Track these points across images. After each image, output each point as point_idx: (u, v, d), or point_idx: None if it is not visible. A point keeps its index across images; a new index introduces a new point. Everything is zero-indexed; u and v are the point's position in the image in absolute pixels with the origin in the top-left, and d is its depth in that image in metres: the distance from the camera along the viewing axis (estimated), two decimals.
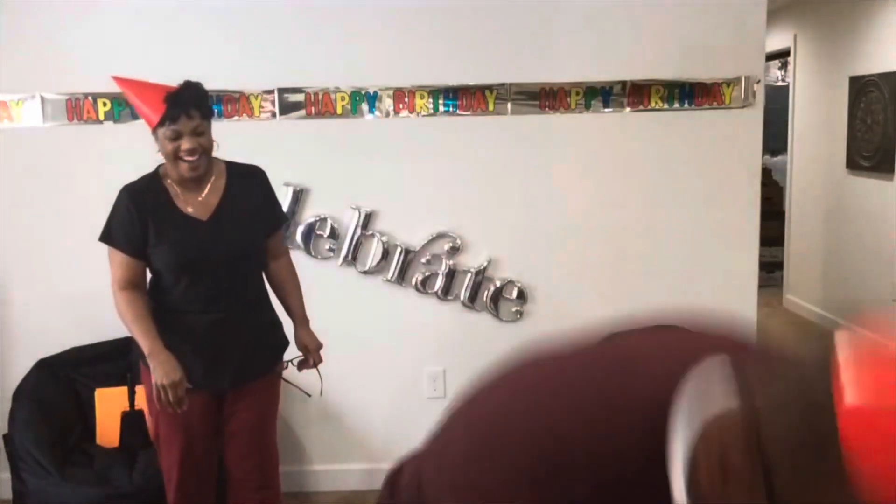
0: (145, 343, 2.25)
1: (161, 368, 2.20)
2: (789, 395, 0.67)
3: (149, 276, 2.43)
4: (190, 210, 2.34)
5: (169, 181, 2.36)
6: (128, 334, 3.26)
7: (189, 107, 2.26)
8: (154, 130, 2.30)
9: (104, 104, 3.25)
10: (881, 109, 5.22)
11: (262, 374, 2.48)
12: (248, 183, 2.43)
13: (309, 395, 2.65)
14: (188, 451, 2.40)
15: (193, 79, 3.27)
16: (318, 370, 2.59)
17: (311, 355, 2.55)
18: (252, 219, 2.41)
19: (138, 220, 2.30)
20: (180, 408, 2.23)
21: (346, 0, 3.22)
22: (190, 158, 2.26)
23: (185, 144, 2.24)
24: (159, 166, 2.42)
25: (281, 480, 2.67)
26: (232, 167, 2.43)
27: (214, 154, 2.40)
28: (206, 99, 2.34)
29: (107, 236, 2.35)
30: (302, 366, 2.58)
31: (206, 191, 2.36)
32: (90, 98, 3.24)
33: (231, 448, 2.49)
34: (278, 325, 2.56)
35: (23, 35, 3.20)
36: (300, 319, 2.56)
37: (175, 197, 2.35)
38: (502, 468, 0.80)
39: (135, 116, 3.25)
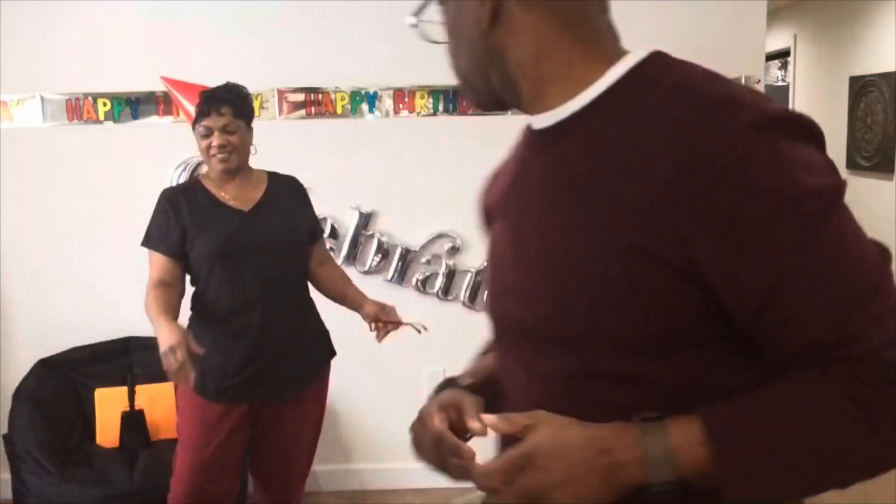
0: (155, 318, 2.14)
1: (160, 335, 2.09)
2: None
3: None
4: (232, 203, 2.34)
5: (210, 182, 2.38)
6: (127, 334, 3.29)
7: (220, 104, 2.26)
8: (193, 128, 2.34)
9: (104, 104, 3.25)
10: (881, 109, 5.22)
11: (304, 386, 2.40)
12: (285, 189, 2.44)
13: (420, 331, 2.51)
14: (206, 459, 2.31)
15: (193, 79, 3.28)
16: (409, 324, 2.46)
17: (385, 315, 2.43)
18: (294, 217, 2.40)
19: (175, 218, 2.28)
20: (184, 376, 2.04)
21: (346, 0, 3.22)
22: (220, 156, 2.27)
23: (215, 141, 2.26)
24: (198, 173, 2.48)
25: (307, 473, 2.65)
26: (273, 175, 2.45)
27: (253, 163, 2.40)
28: (244, 99, 2.33)
29: (146, 239, 2.33)
30: (381, 331, 2.45)
31: (246, 188, 2.37)
32: (90, 98, 3.24)
33: (259, 453, 2.46)
34: (324, 334, 2.50)
35: (23, 35, 3.20)
36: (363, 296, 2.48)
37: (216, 193, 2.35)
38: None
39: (135, 116, 3.26)
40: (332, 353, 2.52)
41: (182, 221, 2.28)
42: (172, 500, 2.38)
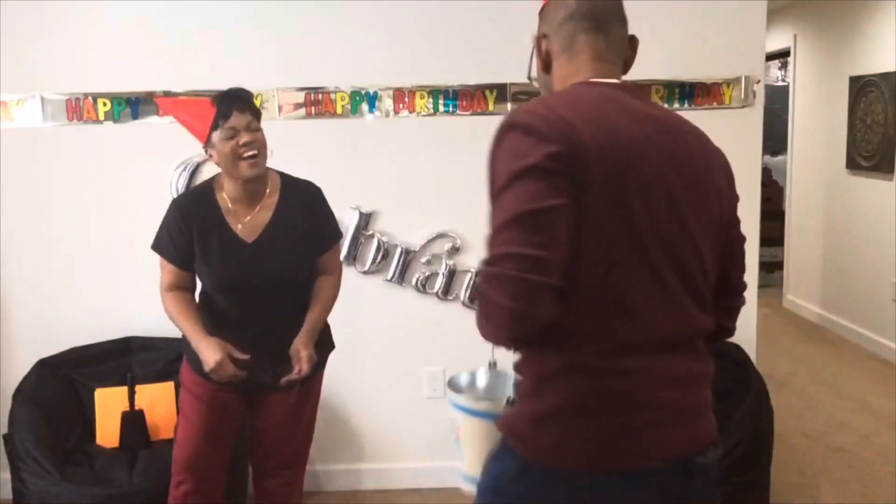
0: (190, 335, 2.30)
1: (204, 355, 2.26)
2: None
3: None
4: (238, 228, 2.32)
5: (223, 195, 2.34)
6: (127, 334, 3.29)
7: (239, 102, 2.25)
8: (208, 140, 2.26)
9: (104, 104, 3.25)
10: (881, 109, 5.22)
11: (292, 386, 2.43)
12: (300, 202, 2.40)
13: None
14: (201, 430, 2.43)
15: (192, 79, 3.27)
16: (297, 379, 2.36)
17: (299, 362, 2.34)
18: (298, 242, 2.37)
19: (186, 234, 2.30)
20: (236, 379, 2.28)
21: (347, 0, 3.22)
22: (250, 153, 2.24)
23: (244, 139, 2.22)
24: (213, 179, 2.41)
25: (305, 469, 2.67)
26: (287, 181, 2.41)
27: (268, 163, 2.38)
28: (253, 99, 2.34)
29: (157, 246, 2.37)
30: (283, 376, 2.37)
31: (257, 208, 2.34)
32: (90, 98, 3.24)
33: (256, 443, 2.53)
34: (323, 333, 2.50)
35: (23, 35, 3.20)
36: (308, 330, 2.40)
37: (226, 213, 2.33)
38: None
39: (135, 116, 3.26)
40: (331, 348, 2.54)
41: (191, 240, 2.31)
42: (174, 468, 2.47)
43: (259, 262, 2.32)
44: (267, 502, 2.58)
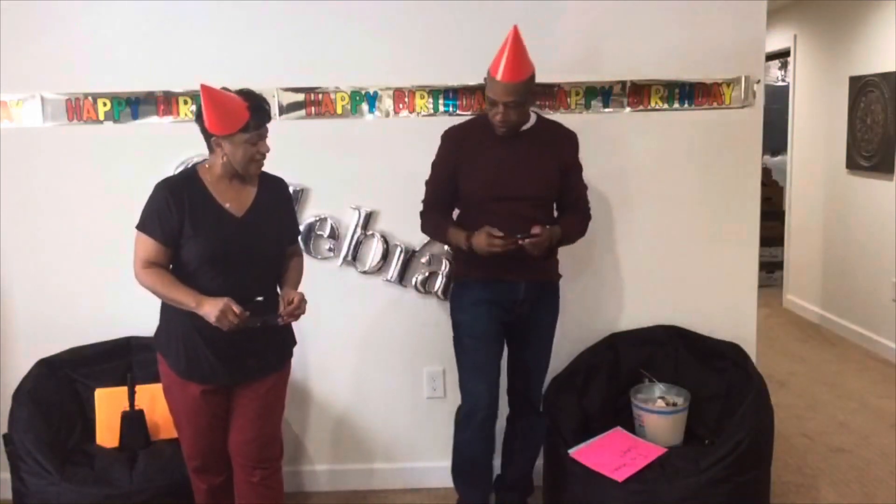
0: (188, 300, 2.37)
1: (207, 309, 2.35)
2: None
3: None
4: (227, 205, 2.47)
5: (209, 178, 2.48)
6: (127, 334, 3.29)
7: (267, 117, 2.48)
8: (229, 135, 2.39)
9: (104, 104, 3.25)
10: (881, 109, 5.22)
11: (269, 374, 2.58)
12: (274, 190, 2.61)
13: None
14: (200, 433, 2.57)
15: (192, 79, 3.28)
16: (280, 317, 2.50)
17: (290, 306, 2.48)
18: (278, 222, 2.58)
19: (175, 211, 2.41)
20: (244, 320, 2.37)
21: (346, 0, 3.22)
22: (261, 161, 2.49)
23: (264, 148, 2.47)
24: (196, 166, 2.55)
25: (283, 459, 2.73)
26: (263, 175, 2.59)
27: (268, 163, 2.56)
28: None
29: (142, 225, 2.45)
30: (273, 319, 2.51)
31: (241, 191, 2.52)
32: (90, 98, 3.24)
33: (234, 434, 2.60)
34: (289, 327, 2.63)
35: (23, 35, 3.20)
36: (293, 284, 2.61)
37: (213, 192, 2.48)
38: None
39: (135, 116, 3.26)
40: (294, 343, 2.69)
41: (181, 215, 2.41)
42: (186, 462, 2.66)
43: (248, 234, 2.48)
44: (250, 501, 2.63)
